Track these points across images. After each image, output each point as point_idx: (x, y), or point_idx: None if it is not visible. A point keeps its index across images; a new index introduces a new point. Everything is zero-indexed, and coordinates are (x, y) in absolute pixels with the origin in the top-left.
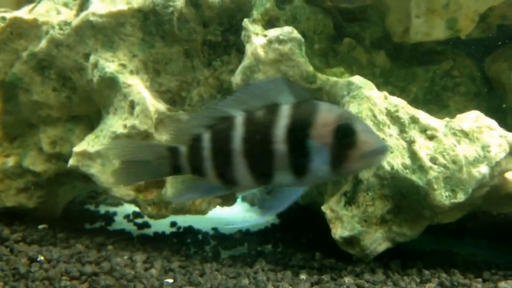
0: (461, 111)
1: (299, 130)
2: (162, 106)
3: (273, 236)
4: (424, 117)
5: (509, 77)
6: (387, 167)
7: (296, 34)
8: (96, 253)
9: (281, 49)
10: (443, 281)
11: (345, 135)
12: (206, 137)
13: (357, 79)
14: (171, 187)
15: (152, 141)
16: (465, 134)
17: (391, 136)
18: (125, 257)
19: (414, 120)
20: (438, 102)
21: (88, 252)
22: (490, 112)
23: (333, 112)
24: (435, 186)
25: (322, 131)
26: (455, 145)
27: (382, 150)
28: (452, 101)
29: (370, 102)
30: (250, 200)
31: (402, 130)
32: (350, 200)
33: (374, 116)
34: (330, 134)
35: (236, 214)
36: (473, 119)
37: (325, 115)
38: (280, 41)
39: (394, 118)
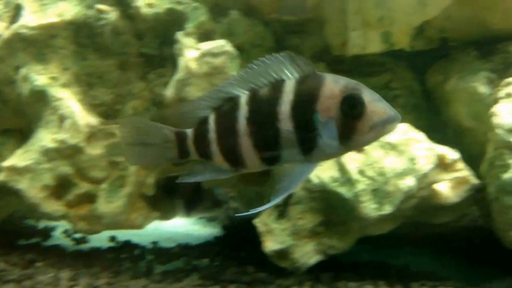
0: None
1: (304, 105)
2: (94, 120)
3: (213, 250)
4: None
5: (444, 90)
6: (316, 180)
7: (228, 47)
8: (20, 271)
9: (213, 62)
10: None
11: (351, 106)
12: (211, 119)
13: None
14: (103, 201)
15: (159, 124)
16: (393, 147)
17: None
18: (51, 275)
19: None
20: None
21: (12, 270)
22: (429, 124)
23: (339, 83)
24: (362, 199)
25: (328, 104)
26: (383, 158)
27: (392, 119)
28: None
29: None
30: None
31: None
32: (282, 213)
33: None
34: (336, 106)
35: (180, 228)
36: (401, 132)
37: (330, 87)
38: (212, 54)
39: None
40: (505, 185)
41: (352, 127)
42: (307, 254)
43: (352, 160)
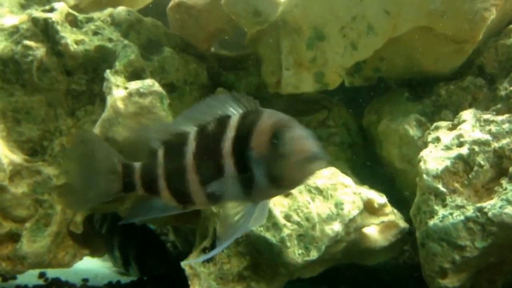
0: (334, 162)
1: (242, 141)
2: (18, 157)
3: None
4: None
5: (377, 130)
6: None
7: (157, 87)
8: None
9: (141, 102)
10: None
11: (279, 142)
12: (160, 153)
13: None
14: (27, 241)
15: (111, 148)
16: (320, 191)
17: None
18: None
19: None
20: None
21: None
22: (364, 161)
23: (271, 118)
24: (288, 244)
25: (260, 140)
26: (309, 202)
27: (318, 157)
28: (326, 151)
29: None
30: None
31: None
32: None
33: None
34: (266, 142)
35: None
36: (328, 176)
37: (264, 123)
38: (140, 94)
39: None
40: (431, 231)
41: (284, 165)
42: None
43: (278, 204)
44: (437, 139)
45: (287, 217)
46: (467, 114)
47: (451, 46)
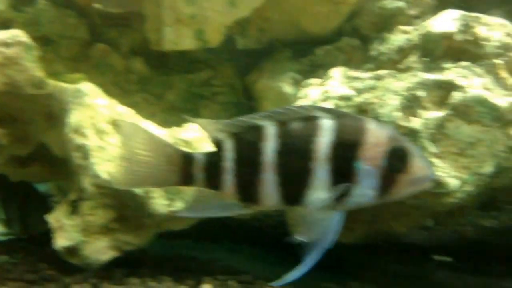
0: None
1: (346, 149)
2: None
3: (17, 246)
4: (147, 126)
5: (255, 88)
6: (105, 176)
7: (24, 38)
8: None
9: (6, 52)
10: None
11: (398, 158)
12: (228, 145)
13: (85, 86)
14: None
15: (162, 139)
16: (187, 143)
17: (112, 145)
18: None
19: None
20: (195, 110)
21: None
22: None
23: (384, 131)
24: (153, 195)
25: (373, 152)
26: None
27: (431, 177)
28: (209, 109)
29: (92, 110)
30: None
31: None
32: (74, 209)
33: (96, 125)
34: (381, 156)
35: None
36: (195, 129)
37: (376, 135)
38: (6, 44)
39: (117, 127)
40: None
41: (394, 180)
42: (100, 250)
43: None
44: (306, 95)
45: None
46: (336, 71)
47: (328, 6)
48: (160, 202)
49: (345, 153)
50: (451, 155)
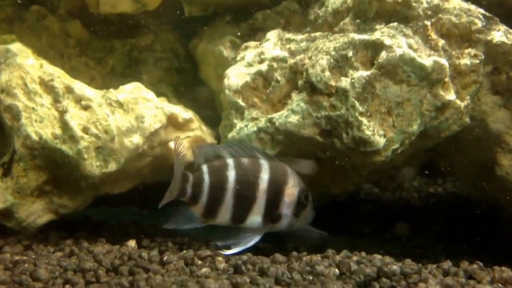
0: (156, 85)
1: (277, 186)
2: None
3: None
4: (80, 87)
5: (196, 52)
6: (35, 137)
7: None
8: None
9: None
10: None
11: (305, 197)
12: (205, 169)
13: (15, 47)
14: None
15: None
16: (120, 105)
17: (42, 105)
18: None
19: (69, 90)
20: (136, 75)
21: None
22: (192, 86)
23: (296, 181)
24: (86, 156)
25: (291, 194)
26: (109, 115)
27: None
28: (150, 75)
29: (22, 70)
30: None
31: (56, 99)
32: (7, 172)
33: (25, 85)
34: (296, 197)
35: None
36: (130, 91)
37: (292, 182)
38: None
39: (48, 87)
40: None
41: (301, 208)
42: (35, 213)
43: (76, 117)
44: (243, 58)
45: (85, 130)
46: (271, 34)
47: None
48: (94, 163)
49: (276, 190)
50: (379, 114)
